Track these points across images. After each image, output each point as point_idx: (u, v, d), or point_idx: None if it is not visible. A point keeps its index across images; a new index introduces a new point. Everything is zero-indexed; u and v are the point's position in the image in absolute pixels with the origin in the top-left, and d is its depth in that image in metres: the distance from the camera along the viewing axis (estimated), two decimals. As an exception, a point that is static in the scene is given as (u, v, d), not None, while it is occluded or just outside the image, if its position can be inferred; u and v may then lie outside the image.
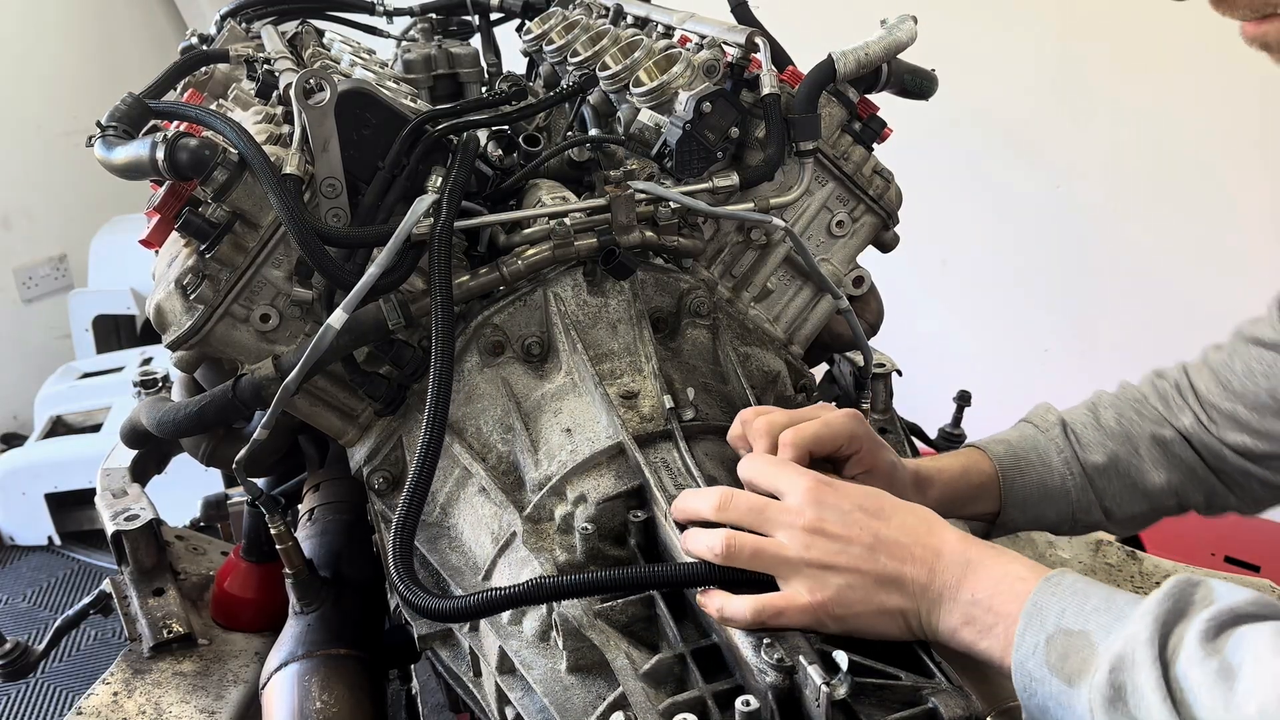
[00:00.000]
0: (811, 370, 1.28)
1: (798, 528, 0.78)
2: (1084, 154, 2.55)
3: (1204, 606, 0.65)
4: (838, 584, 0.76)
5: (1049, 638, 0.69)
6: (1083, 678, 0.66)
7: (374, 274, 0.97)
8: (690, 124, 1.13)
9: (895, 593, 0.76)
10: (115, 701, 1.15)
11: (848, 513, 0.79)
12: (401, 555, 0.89)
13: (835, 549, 0.77)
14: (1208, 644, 0.62)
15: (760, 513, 0.81)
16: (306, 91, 0.99)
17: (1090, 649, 0.66)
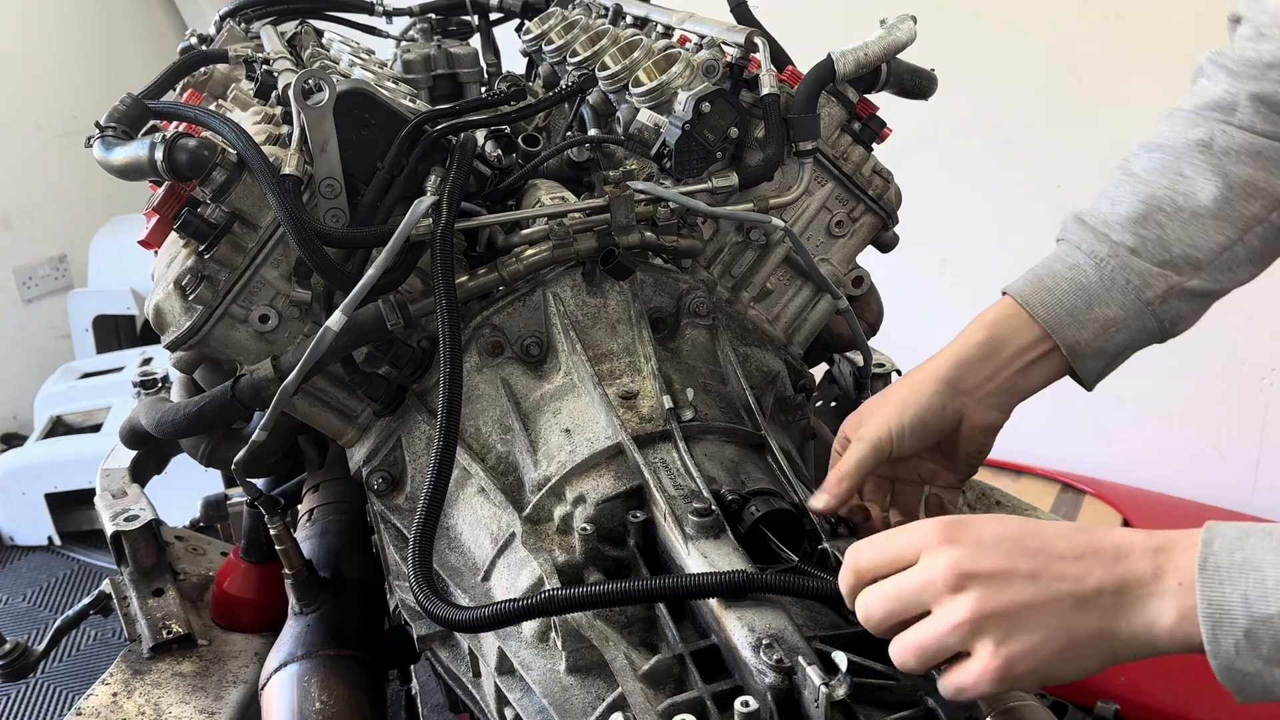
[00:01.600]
0: (811, 370, 1.28)
1: (942, 587, 0.66)
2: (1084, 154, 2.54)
3: None
4: (1010, 630, 0.65)
5: (1246, 632, 0.60)
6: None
7: (373, 275, 0.97)
8: (689, 124, 1.13)
9: (1086, 613, 0.65)
10: (115, 702, 1.15)
11: (989, 544, 0.67)
12: (421, 565, 0.89)
13: (993, 591, 0.65)
14: None
15: (899, 597, 0.69)
16: (305, 92, 0.99)
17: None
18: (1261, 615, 0.60)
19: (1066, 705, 1.88)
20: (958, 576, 0.66)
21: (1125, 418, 2.66)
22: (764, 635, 0.75)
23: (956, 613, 0.66)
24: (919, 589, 0.68)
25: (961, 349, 0.96)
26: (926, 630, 0.67)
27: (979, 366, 0.96)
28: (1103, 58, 2.42)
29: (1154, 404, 2.60)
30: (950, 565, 0.66)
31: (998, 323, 0.96)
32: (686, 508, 0.87)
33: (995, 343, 0.96)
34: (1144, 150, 0.96)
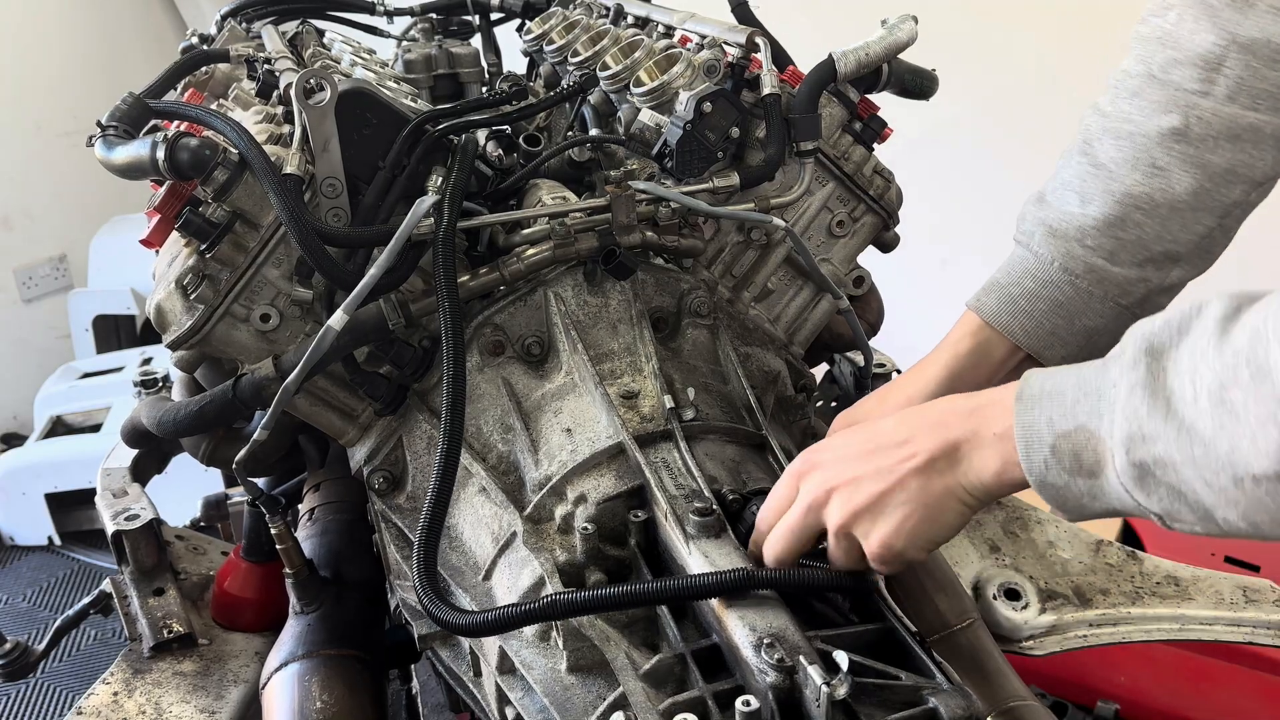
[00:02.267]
0: (811, 370, 1.28)
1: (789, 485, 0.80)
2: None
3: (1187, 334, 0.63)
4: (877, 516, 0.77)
5: (1051, 448, 0.68)
6: (1103, 467, 0.66)
7: (375, 275, 0.97)
8: (691, 124, 1.13)
9: (929, 479, 0.75)
10: (115, 701, 1.15)
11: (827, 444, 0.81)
12: (426, 568, 0.90)
13: (833, 473, 0.79)
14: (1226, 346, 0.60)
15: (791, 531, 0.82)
16: (307, 91, 0.99)
17: (1095, 441, 0.66)
18: (1062, 430, 0.68)
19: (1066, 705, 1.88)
20: (822, 492, 0.79)
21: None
22: (765, 634, 0.75)
23: (809, 496, 0.79)
24: (803, 516, 0.80)
25: (954, 357, 0.99)
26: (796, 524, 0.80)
27: (970, 374, 0.99)
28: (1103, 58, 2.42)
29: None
30: (795, 468, 0.80)
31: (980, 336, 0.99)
32: (688, 507, 0.87)
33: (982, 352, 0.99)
34: (1110, 136, 0.90)
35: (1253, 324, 0.60)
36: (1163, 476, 0.63)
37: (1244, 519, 0.61)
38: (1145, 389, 0.64)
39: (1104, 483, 0.67)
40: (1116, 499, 0.67)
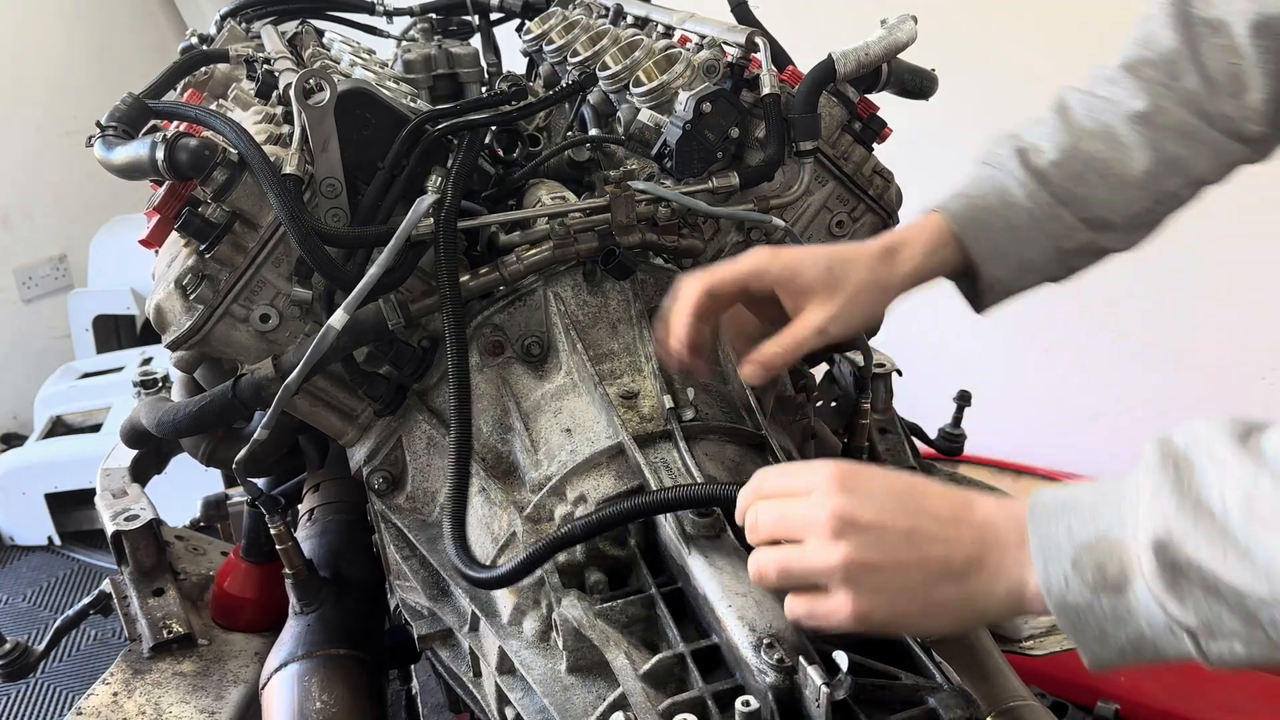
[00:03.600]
0: (811, 370, 1.27)
1: (823, 525, 0.69)
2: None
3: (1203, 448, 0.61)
4: (877, 582, 0.69)
5: (1073, 562, 0.63)
6: (1130, 579, 0.61)
7: (375, 274, 0.97)
8: (690, 124, 1.13)
9: (946, 580, 0.68)
10: (115, 701, 1.15)
11: (876, 496, 0.70)
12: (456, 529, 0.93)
13: (868, 541, 0.68)
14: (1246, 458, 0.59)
15: (783, 520, 0.73)
16: (306, 91, 0.99)
17: (1120, 549, 0.62)
18: (1083, 542, 0.63)
19: (1066, 705, 1.88)
20: (840, 522, 0.69)
21: (1125, 418, 2.66)
22: (765, 635, 0.75)
23: (830, 556, 0.69)
24: (804, 520, 0.71)
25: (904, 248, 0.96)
26: (796, 558, 0.71)
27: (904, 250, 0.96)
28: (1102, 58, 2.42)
29: (1154, 404, 2.60)
30: (836, 510, 0.69)
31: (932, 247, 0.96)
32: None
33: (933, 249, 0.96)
34: (1084, 107, 0.97)
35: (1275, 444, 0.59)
36: (1197, 577, 0.59)
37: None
38: (1174, 490, 0.60)
39: (1131, 598, 0.62)
40: (1145, 616, 0.61)
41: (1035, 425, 2.76)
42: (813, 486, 0.72)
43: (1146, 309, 2.57)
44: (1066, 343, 2.73)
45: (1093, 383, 2.70)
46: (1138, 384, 2.62)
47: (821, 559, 0.69)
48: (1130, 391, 2.64)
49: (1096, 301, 2.65)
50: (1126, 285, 2.59)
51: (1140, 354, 2.60)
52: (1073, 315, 2.70)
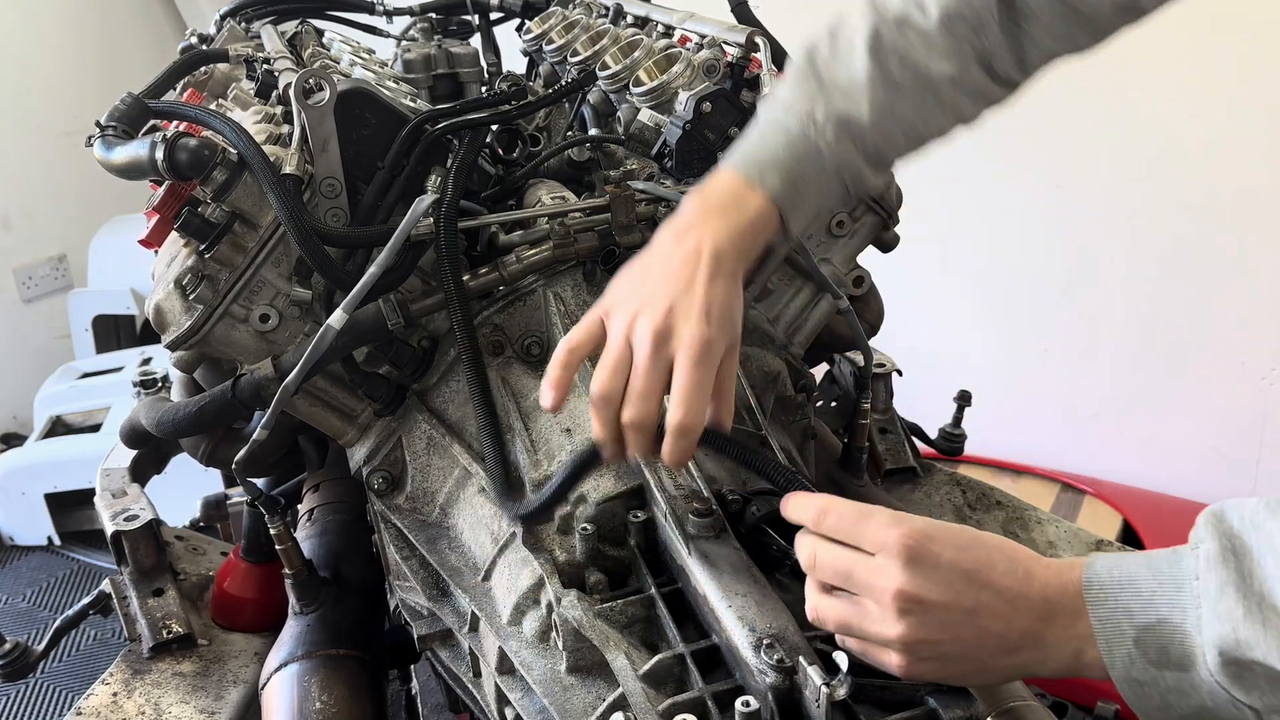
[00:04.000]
0: (811, 370, 1.27)
1: (889, 600, 0.69)
2: (1084, 154, 2.55)
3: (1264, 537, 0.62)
4: (932, 654, 0.70)
5: (1135, 641, 0.65)
6: (1194, 662, 0.63)
7: (375, 273, 0.97)
8: (690, 124, 1.13)
9: (1005, 655, 0.70)
10: (115, 702, 1.15)
11: (943, 575, 0.69)
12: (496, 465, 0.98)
13: (930, 620, 0.69)
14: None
15: (848, 573, 0.72)
16: (306, 91, 0.99)
17: (1181, 635, 0.64)
18: (1144, 623, 0.65)
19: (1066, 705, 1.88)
20: (906, 601, 0.69)
21: (1125, 418, 2.66)
22: (765, 635, 0.75)
23: (891, 629, 0.70)
24: (868, 584, 0.71)
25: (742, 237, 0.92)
26: (857, 620, 0.72)
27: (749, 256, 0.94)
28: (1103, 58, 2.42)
29: (1154, 404, 2.60)
30: (904, 586, 0.69)
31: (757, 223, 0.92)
32: (687, 507, 0.87)
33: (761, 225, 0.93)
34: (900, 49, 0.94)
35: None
36: (1262, 671, 0.61)
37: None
38: (1237, 590, 0.62)
39: (1195, 678, 0.64)
40: (1209, 694, 0.63)
41: (1035, 425, 2.76)
42: (881, 547, 0.71)
43: (1146, 309, 2.57)
44: (1066, 343, 2.73)
45: (1093, 383, 2.70)
46: (1137, 384, 2.62)
47: (882, 629, 0.70)
48: (1130, 391, 2.64)
49: (1096, 302, 2.65)
50: (1126, 285, 2.60)
51: (1140, 354, 2.60)
52: (1073, 315, 2.70)
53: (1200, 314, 2.49)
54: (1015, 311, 2.78)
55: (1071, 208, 2.59)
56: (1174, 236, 2.47)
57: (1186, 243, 2.46)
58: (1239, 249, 2.40)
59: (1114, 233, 2.56)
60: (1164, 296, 2.54)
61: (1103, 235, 2.57)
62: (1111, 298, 2.63)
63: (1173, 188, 2.44)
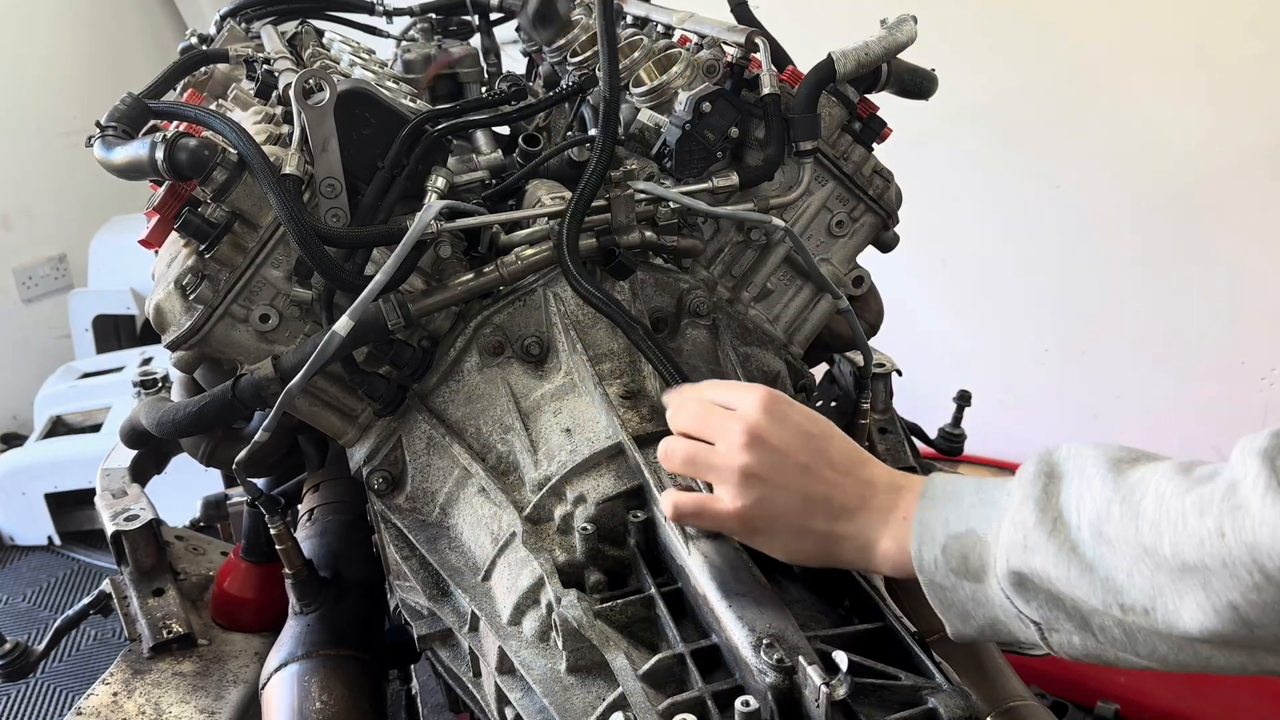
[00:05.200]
0: (811, 370, 1.27)
1: (736, 434, 0.78)
2: (1084, 154, 2.55)
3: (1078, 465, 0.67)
4: (762, 495, 0.77)
5: (942, 548, 0.71)
6: (987, 572, 0.69)
7: (381, 280, 0.97)
8: (690, 124, 1.13)
9: (820, 515, 0.77)
10: (115, 701, 1.15)
11: (789, 428, 0.78)
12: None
13: (769, 461, 0.77)
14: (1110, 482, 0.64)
15: (705, 419, 0.81)
16: (306, 91, 0.99)
17: (981, 545, 0.69)
18: (954, 532, 0.71)
19: (1067, 705, 1.88)
20: (752, 436, 0.78)
21: (1125, 418, 2.66)
22: (764, 635, 0.75)
23: (733, 459, 0.78)
24: (722, 427, 0.79)
25: None
26: (704, 452, 0.80)
27: None
28: (1103, 58, 2.42)
29: (1154, 404, 2.60)
30: (753, 425, 0.78)
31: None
32: (687, 507, 0.87)
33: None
34: None
35: (1139, 473, 0.64)
36: (1042, 584, 0.66)
37: (1119, 626, 0.64)
38: (1036, 504, 0.67)
39: (987, 588, 0.69)
40: (999, 606, 0.69)
41: (1035, 425, 2.76)
42: (741, 403, 0.80)
43: (1146, 309, 2.57)
44: (1066, 343, 2.73)
45: (1092, 383, 2.70)
46: (1137, 384, 2.62)
47: (725, 459, 0.78)
48: (1129, 391, 2.64)
49: (1096, 302, 2.65)
50: (1126, 285, 2.60)
51: (1140, 354, 2.60)
52: (1072, 315, 2.70)
53: (1200, 314, 2.49)
54: (1015, 311, 2.78)
55: (1071, 208, 2.59)
56: (1174, 236, 2.48)
57: (1186, 243, 2.46)
58: (1239, 249, 2.40)
59: (1114, 233, 2.56)
60: (1164, 296, 2.54)
61: (1102, 235, 2.57)
62: (1111, 297, 2.63)
63: (1173, 187, 2.44)
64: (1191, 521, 0.59)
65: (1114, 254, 2.58)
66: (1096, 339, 2.68)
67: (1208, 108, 2.33)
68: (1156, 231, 2.49)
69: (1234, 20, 2.24)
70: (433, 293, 1.06)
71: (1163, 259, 2.52)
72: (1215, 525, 0.58)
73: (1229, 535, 0.57)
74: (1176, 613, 0.61)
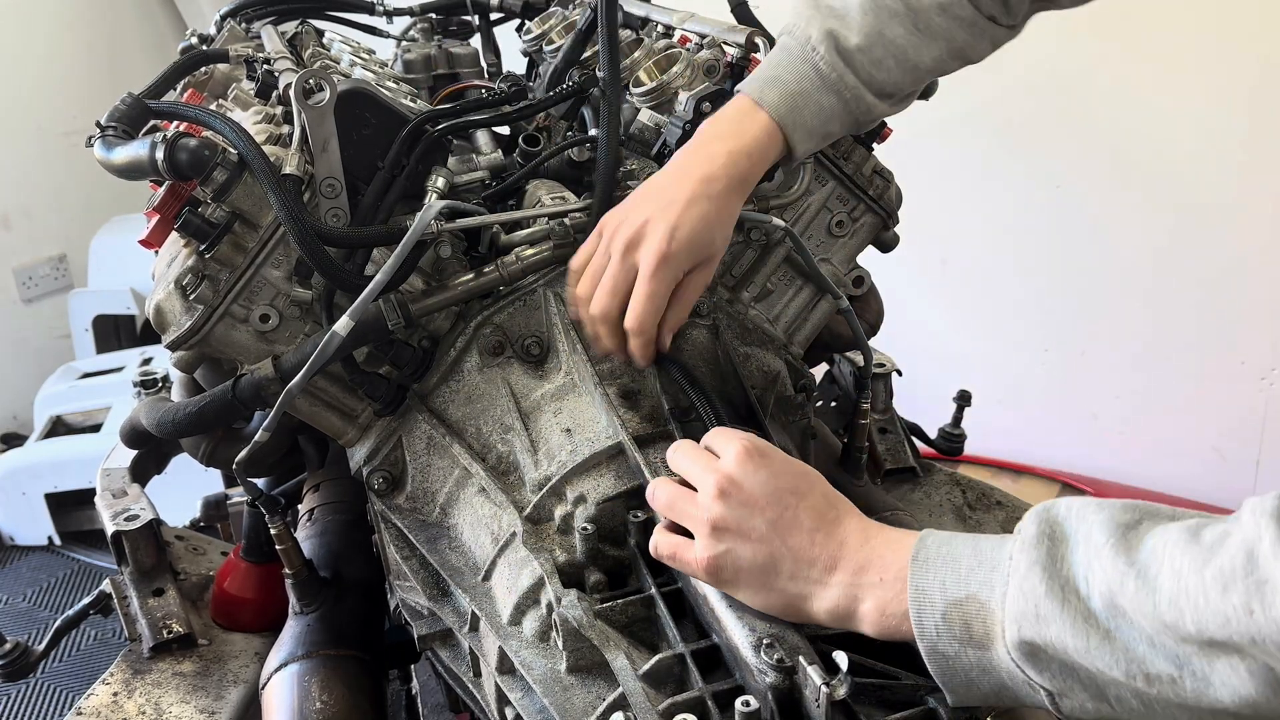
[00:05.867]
0: (811, 370, 1.27)
1: (710, 484, 0.79)
2: (1084, 154, 2.55)
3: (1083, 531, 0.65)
4: (730, 547, 0.77)
5: (943, 614, 0.68)
6: (993, 640, 0.66)
7: (381, 280, 0.97)
8: (690, 124, 1.13)
9: (784, 575, 0.76)
10: (115, 702, 1.15)
11: (760, 482, 0.78)
12: None
13: (735, 515, 0.77)
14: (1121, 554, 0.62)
15: (691, 464, 0.83)
16: (306, 91, 0.99)
17: (986, 612, 0.67)
18: (954, 599, 0.68)
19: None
20: (725, 487, 0.78)
21: (1125, 418, 2.66)
22: (765, 635, 0.75)
23: (706, 510, 0.79)
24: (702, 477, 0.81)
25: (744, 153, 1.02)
26: (684, 499, 0.81)
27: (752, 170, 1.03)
28: (1103, 58, 2.42)
29: (1154, 404, 2.60)
30: (729, 475, 0.79)
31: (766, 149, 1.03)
32: (687, 507, 0.87)
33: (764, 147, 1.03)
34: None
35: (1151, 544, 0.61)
36: (1056, 654, 0.64)
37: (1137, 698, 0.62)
38: (1044, 571, 0.64)
39: (994, 656, 0.67)
40: (1007, 673, 0.66)
41: (1035, 425, 2.76)
42: (724, 452, 0.81)
43: (1146, 309, 2.57)
44: (1066, 343, 2.73)
45: (1092, 383, 2.70)
46: (1137, 384, 2.62)
47: (698, 509, 0.79)
48: (1129, 391, 2.64)
49: (1096, 301, 2.66)
50: (1126, 285, 2.60)
51: (1140, 354, 2.60)
52: (1073, 315, 2.70)
53: (1200, 314, 2.49)
54: (1015, 311, 2.79)
55: (1071, 208, 2.59)
56: (1174, 236, 2.48)
57: (1186, 242, 2.46)
58: (1239, 249, 2.40)
59: (1114, 232, 2.56)
60: (1164, 296, 2.54)
61: (1103, 235, 2.58)
62: (1111, 297, 2.64)
63: (1173, 187, 2.44)
64: (1214, 600, 0.57)
65: (1114, 254, 2.58)
66: (1096, 339, 2.68)
67: (1208, 108, 2.33)
68: (1156, 231, 2.50)
69: (1235, 20, 2.24)
70: (433, 293, 1.06)
71: (1163, 259, 2.52)
72: (1243, 603, 0.56)
73: (1258, 613, 0.55)
74: (1206, 679, 0.58)
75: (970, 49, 1.06)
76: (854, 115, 1.06)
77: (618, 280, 0.97)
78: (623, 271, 0.97)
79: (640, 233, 0.96)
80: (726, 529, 0.77)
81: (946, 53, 1.05)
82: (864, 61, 1.03)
